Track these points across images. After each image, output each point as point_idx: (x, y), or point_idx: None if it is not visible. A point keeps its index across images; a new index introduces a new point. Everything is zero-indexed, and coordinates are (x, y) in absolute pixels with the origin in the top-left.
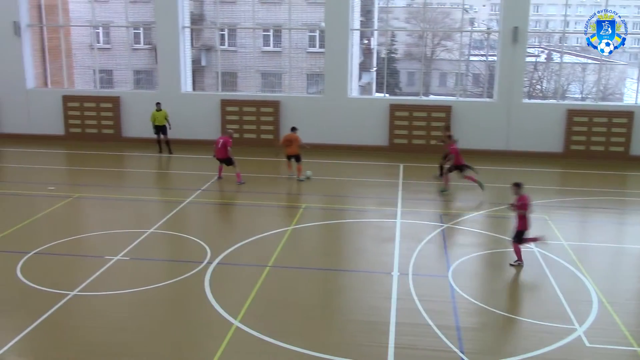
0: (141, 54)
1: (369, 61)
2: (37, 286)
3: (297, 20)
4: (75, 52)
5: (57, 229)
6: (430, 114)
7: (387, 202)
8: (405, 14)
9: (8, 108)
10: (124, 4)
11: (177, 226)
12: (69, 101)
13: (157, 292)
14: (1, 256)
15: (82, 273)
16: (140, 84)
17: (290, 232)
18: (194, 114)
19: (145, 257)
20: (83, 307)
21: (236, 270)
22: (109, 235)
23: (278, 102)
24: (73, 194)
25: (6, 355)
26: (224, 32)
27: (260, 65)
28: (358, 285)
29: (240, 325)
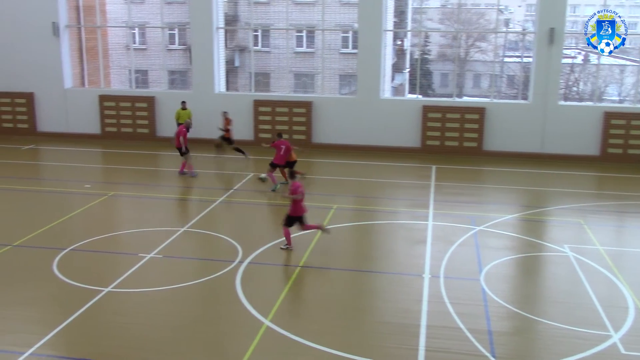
0: (176, 54)
1: (401, 62)
2: (72, 282)
3: (330, 21)
4: (111, 52)
5: (93, 226)
6: (463, 115)
7: (418, 204)
8: (439, 14)
9: (46, 107)
10: (159, 5)
11: (209, 225)
12: (105, 101)
13: (189, 290)
14: (38, 252)
15: (117, 270)
16: (174, 84)
17: (321, 232)
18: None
19: (178, 255)
20: (117, 304)
21: (267, 269)
22: (143, 233)
23: (310, 103)
24: (108, 192)
25: (42, 349)
26: (258, 33)
27: (293, 66)
28: (389, 287)
29: (271, 325)
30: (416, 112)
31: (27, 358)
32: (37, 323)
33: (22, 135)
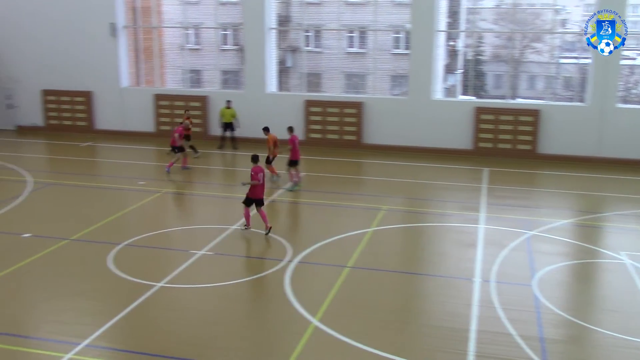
0: (229, 54)
1: (454, 63)
2: (126, 276)
3: (382, 22)
4: (166, 52)
5: (146, 222)
6: (517, 117)
7: (469, 207)
8: (493, 15)
9: (103, 106)
10: (213, 6)
11: (259, 224)
12: (160, 100)
13: (239, 288)
14: (94, 246)
15: (169, 266)
16: (227, 84)
17: (370, 233)
18: (279, 114)
19: (228, 253)
20: (169, 299)
21: (316, 269)
22: (195, 230)
23: (361, 103)
24: (162, 189)
25: (96, 341)
26: (310, 34)
27: (344, 67)
28: (438, 290)
29: (319, 325)
30: (468, 114)
31: (83, 349)
32: (92, 315)
33: (80, 132)
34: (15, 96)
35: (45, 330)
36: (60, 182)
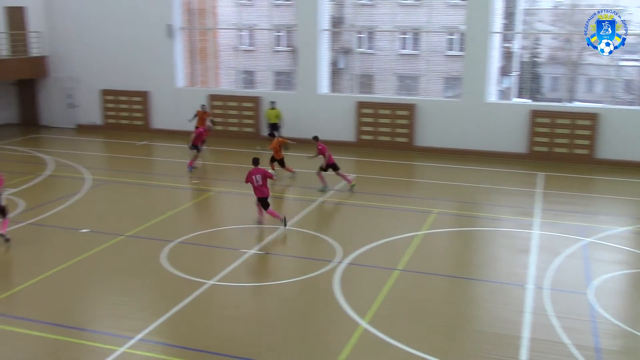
0: (282, 56)
1: (509, 65)
2: (178, 273)
3: (436, 23)
4: (221, 53)
5: (199, 220)
6: (574, 121)
7: (523, 212)
8: (550, 16)
9: (159, 105)
10: (267, 8)
11: (309, 224)
12: (214, 100)
13: (288, 287)
14: (148, 243)
15: (220, 264)
16: (279, 85)
17: (421, 236)
18: (330, 115)
19: (278, 253)
20: (219, 297)
21: (366, 271)
22: (246, 229)
23: (413, 105)
24: (214, 188)
25: (149, 335)
26: (362, 35)
27: (397, 68)
28: (489, 296)
29: (368, 327)
30: (523, 117)
31: (136, 343)
32: (145, 310)
33: (137, 131)
34: (75, 96)
35: (100, 324)
36: (117, 179)
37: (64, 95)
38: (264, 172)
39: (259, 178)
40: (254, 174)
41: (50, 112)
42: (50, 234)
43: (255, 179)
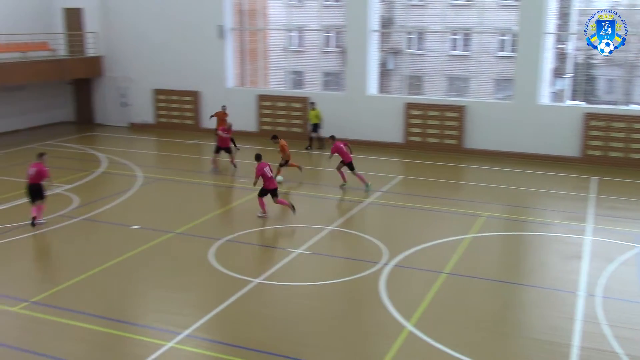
0: (331, 56)
1: (563, 66)
2: (226, 271)
3: (487, 23)
4: (270, 54)
5: (247, 219)
6: (631, 124)
7: (575, 217)
8: None
9: (209, 105)
10: (317, 9)
11: (356, 225)
12: (263, 100)
13: (334, 288)
14: (197, 241)
15: (266, 263)
16: (328, 86)
17: (469, 240)
18: (379, 117)
19: (324, 253)
20: (265, 295)
21: (412, 273)
22: (293, 228)
23: (463, 107)
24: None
25: (196, 332)
26: (412, 36)
27: (446, 69)
28: (538, 302)
29: (413, 330)
30: (577, 120)
31: (183, 339)
32: (193, 307)
33: (187, 130)
34: (129, 95)
35: (149, 318)
36: (167, 177)
37: (117, 94)
38: (269, 165)
39: (268, 170)
40: (264, 167)
41: (105, 111)
42: (102, 230)
43: (266, 171)
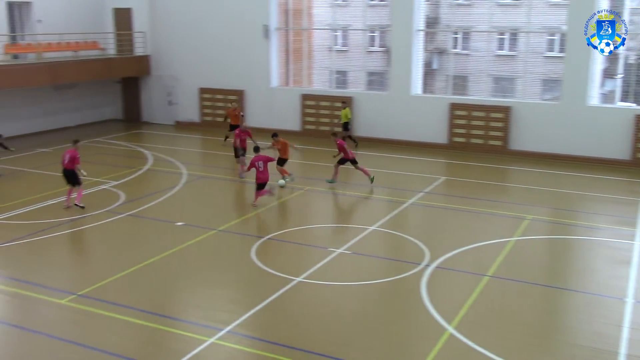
0: (375, 56)
1: (614, 67)
2: (267, 269)
3: (536, 23)
4: (315, 53)
5: (289, 217)
6: None
7: (625, 222)
8: None
9: (254, 104)
10: (362, 8)
11: (398, 226)
12: (306, 100)
13: (375, 288)
14: (239, 238)
15: (308, 261)
16: (371, 86)
17: (513, 242)
18: (423, 117)
19: (365, 253)
20: (306, 294)
21: (454, 276)
22: (334, 228)
23: (509, 108)
24: (304, 187)
25: (237, 329)
26: (458, 35)
27: (492, 69)
28: (584, 308)
29: (455, 332)
30: (628, 122)
31: (225, 335)
32: (234, 303)
33: (225, 128)
34: (175, 94)
35: (191, 314)
36: (211, 175)
37: (164, 93)
38: (265, 158)
39: (261, 164)
40: (257, 161)
41: (151, 109)
42: (148, 226)
43: (257, 165)
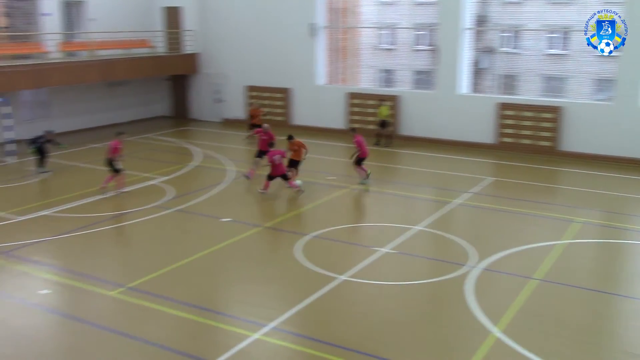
0: (422, 55)
1: None
2: (311, 266)
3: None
4: (361, 52)
5: (333, 216)
6: None
7: None
8: None
9: (300, 102)
10: (409, 7)
11: (444, 226)
12: (352, 98)
13: (419, 289)
14: (284, 235)
15: (352, 260)
16: (418, 84)
17: (562, 246)
18: (470, 116)
19: (411, 253)
20: (350, 292)
21: (500, 278)
22: (379, 227)
23: (559, 108)
24: (349, 185)
25: (281, 325)
26: (507, 34)
27: (543, 69)
28: (635, 314)
29: (501, 336)
30: None
31: (269, 331)
32: (279, 300)
33: (277, 127)
34: (222, 91)
35: (236, 309)
36: (257, 172)
37: (212, 90)
38: (280, 153)
39: (278, 158)
40: (274, 155)
41: (199, 106)
42: (194, 221)
43: (275, 159)
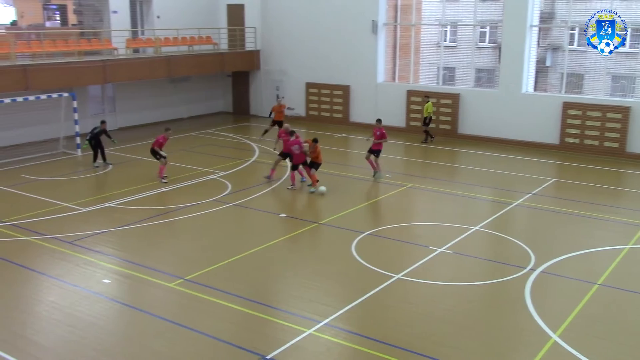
0: (485, 52)
1: None
2: (366, 264)
3: None
4: (422, 49)
5: (390, 214)
6: None
7: None
8: None
9: (359, 99)
10: (473, 3)
11: (502, 227)
12: (412, 96)
13: (476, 290)
14: (340, 232)
15: (408, 259)
16: (480, 82)
17: (627, 251)
18: (534, 116)
19: (468, 254)
20: (405, 291)
21: (560, 282)
22: (436, 227)
23: (628, 108)
24: (407, 184)
25: (334, 322)
26: (575, 31)
27: (611, 67)
28: None
29: (559, 341)
30: None
31: (322, 327)
32: (333, 296)
33: (336, 124)
34: (282, 88)
35: (291, 304)
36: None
37: (272, 87)
38: (298, 143)
39: (296, 148)
40: (292, 145)
41: (259, 103)
42: (252, 216)
43: (293, 149)
